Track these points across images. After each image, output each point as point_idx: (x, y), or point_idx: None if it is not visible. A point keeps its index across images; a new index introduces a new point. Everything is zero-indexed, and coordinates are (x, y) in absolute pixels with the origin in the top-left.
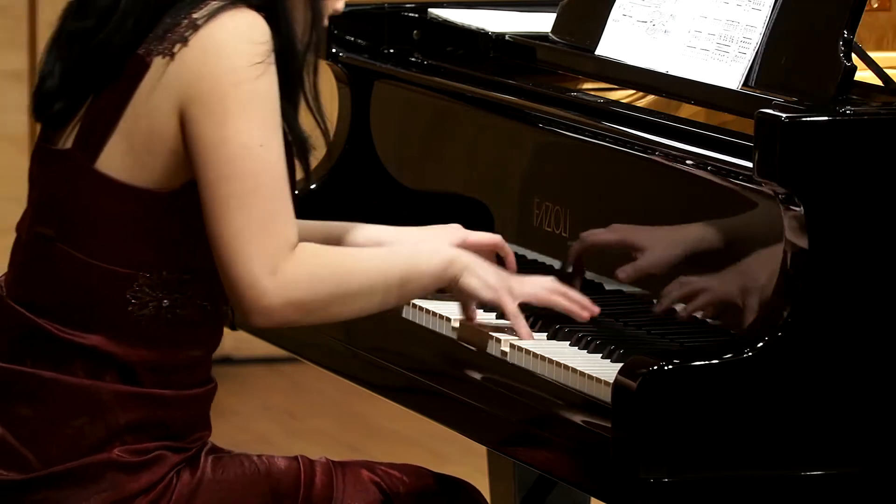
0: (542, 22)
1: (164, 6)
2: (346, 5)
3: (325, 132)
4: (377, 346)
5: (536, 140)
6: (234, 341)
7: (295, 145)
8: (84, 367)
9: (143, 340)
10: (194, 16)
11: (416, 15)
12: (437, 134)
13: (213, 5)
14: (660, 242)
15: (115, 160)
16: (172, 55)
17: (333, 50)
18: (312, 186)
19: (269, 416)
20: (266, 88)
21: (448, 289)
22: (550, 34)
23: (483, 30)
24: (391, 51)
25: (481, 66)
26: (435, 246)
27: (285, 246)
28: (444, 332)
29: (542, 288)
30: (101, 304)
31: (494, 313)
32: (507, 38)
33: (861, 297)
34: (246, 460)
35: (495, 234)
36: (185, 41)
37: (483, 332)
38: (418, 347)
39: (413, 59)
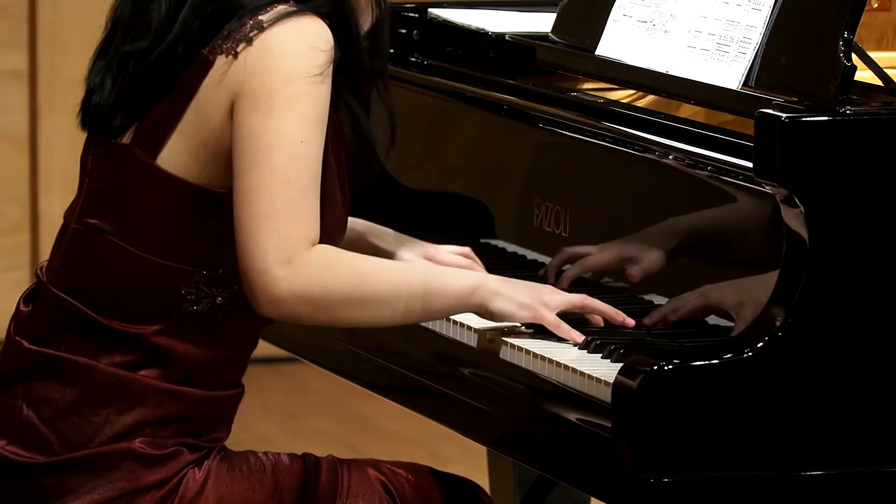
0: (542, 22)
1: (225, 16)
2: None
3: (393, 132)
4: (377, 346)
5: (536, 140)
6: None
7: (361, 148)
8: (122, 358)
9: (188, 335)
10: (260, 17)
11: (416, 15)
12: (437, 134)
13: (281, 9)
14: (659, 242)
15: (174, 157)
16: (236, 54)
17: None
18: None
19: (269, 416)
20: (318, 93)
21: (479, 315)
22: (550, 34)
23: (483, 30)
24: (391, 51)
25: (481, 66)
26: (463, 270)
27: (304, 240)
28: (444, 332)
29: (578, 297)
30: (154, 297)
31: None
32: (507, 38)
33: (861, 298)
34: (252, 457)
35: (465, 248)
36: (249, 41)
37: (482, 332)
38: (418, 347)
39: (413, 59)
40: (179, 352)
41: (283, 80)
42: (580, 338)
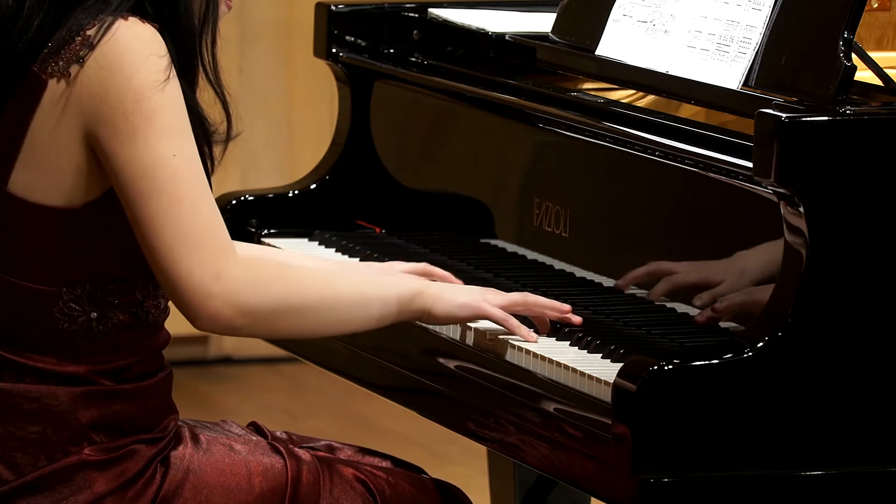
0: (542, 22)
1: (64, 11)
2: (346, 5)
3: (226, 108)
4: (377, 346)
5: (536, 140)
6: (234, 341)
7: (195, 127)
8: (36, 378)
9: (84, 354)
10: (88, 33)
11: (416, 15)
12: (437, 134)
13: (106, 21)
14: (658, 243)
15: (24, 181)
16: (69, 76)
17: (333, 50)
18: (312, 186)
19: (269, 416)
20: (169, 98)
21: (422, 321)
22: (550, 34)
23: (483, 30)
24: (391, 51)
25: (481, 66)
26: (402, 279)
27: (222, 248)
28: (444, 333)
29: (518, 295)
30: (33, 325)
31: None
32: (507, 38)
33: (861, 297)
34: (234, 458)
35: (421, 263)
36: (80, 62)
37: (482, 332)
38: (418, 347)
39: (413, 59)
40: (81, 372)
41: (134, 100)
42: (527, 334)
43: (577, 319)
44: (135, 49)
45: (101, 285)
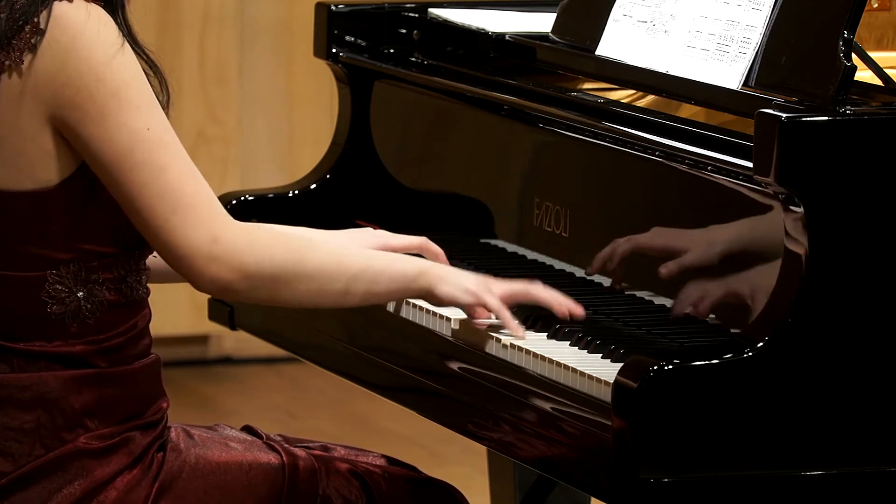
0: (542, 22)
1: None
2: (346, 5)
3: (154, 68)
4: (377, 346)
5: (536, 140)
6: (234, 341)
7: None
8: (24, 364)
9: (73, 336)
10: (36, 20)
11: (416, 15)
12: (437, 134)
13: (50, 5)
14: (658, 243)
15: None
16: (23, 64)
17: (333, 50)
18: (312, 186)
19: (269, 416)
20: (128, 70)
21: (426, 301)
22: (550, 34)
23: (483, 30)
24: (391, 51)
25: (481, 66)
26: (408, 256)
27: (216, 213)
28: (443, 333)
29: (522, 284)
30: (21, 312)
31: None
32: (507, 38)
33: (861, 298)
34: (229, 453)
35: (420, 237)
36: (33, 49)
37: (482, 332)
38: (418, 347)
39: (413, 59)
40: (72, 354)
41: (96, 81)
42: (517, 328)
43: (579, 312)
44: (86, 29)
45: (84, 263)
